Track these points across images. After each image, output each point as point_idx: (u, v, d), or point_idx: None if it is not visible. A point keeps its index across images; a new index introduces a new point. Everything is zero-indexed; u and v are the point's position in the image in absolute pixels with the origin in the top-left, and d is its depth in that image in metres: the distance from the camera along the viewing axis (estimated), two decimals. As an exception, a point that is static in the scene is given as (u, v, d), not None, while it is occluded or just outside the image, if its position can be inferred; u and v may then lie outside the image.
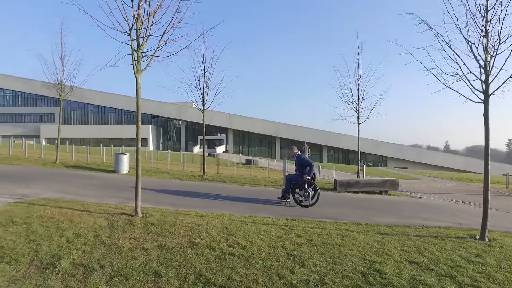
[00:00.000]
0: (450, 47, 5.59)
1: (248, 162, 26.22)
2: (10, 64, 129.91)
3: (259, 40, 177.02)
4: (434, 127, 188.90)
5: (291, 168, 19.64)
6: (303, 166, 8.23)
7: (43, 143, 34.29)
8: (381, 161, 54.13)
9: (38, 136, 53.85)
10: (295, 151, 8.65)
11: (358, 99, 14.35)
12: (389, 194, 11.79)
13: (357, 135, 15.10)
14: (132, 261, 3.72)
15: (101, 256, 3.81)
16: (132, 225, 4.98)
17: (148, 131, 54.39)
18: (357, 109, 14.43)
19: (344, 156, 56.05)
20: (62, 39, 14.06)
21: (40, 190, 7.82)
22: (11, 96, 61.79)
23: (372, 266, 3.90)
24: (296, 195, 8.11)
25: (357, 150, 15.80)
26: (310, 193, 7.99)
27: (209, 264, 3.76)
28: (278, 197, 8.56)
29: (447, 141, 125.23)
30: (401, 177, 19.66)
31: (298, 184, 8.08)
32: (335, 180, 12.37)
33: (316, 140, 54.27)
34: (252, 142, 58.72)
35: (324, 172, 19.79)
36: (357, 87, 14.38)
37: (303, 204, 8.00)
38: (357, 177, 15.58)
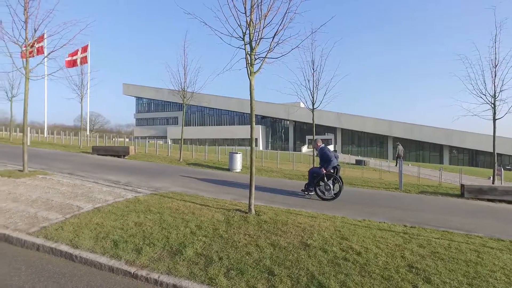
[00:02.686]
0: None
1: (358, 162, 24.87)
2: (146, 75, 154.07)
3: (351, 31, 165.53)
4: None
5: (409, 169, 17.76)
6: (323, 160, 8.28)
7: (169, 143, 39.45)
8: (524, 164, 44.41)
9: (165, 137, 62.46)
10: (319, 144, 8.74)
11: (494, 91, 12.06)
12: (542, 206, 9.52)
13: (492, 133, 12.68)
14: (247, 257, 3.87)
15: (219, 249, 4.09)
16: (246, 222, 5.21)
17: (258, 132, 57.11)
18: (492, 102, 12.16)
19: (470, 157, 47.74)
20: (185, 50, 16.02)
21: (168, 184, 8.95)
22: (146, 103, 73.76)
23: (527, 296, 3.15)
24: (319, 188, 8.18)
25: (491, 150, 13.24)
26: (331, 186, 8.02)
27: (322, 268, 3.63)
28: (302, 190, 8.75)
29: None
30: (557, 185, 15.73)
31: (320, 178, 8.13)
32: (462, 185, 10.65)
33: (436, 140, 47.99)
34: (362, 141, 55.64)
35: (447, 175, 17.33)
36: (493, 76, 12.10)
37: (324, 197, 8.04)
38: (493, 183, 13.12)
